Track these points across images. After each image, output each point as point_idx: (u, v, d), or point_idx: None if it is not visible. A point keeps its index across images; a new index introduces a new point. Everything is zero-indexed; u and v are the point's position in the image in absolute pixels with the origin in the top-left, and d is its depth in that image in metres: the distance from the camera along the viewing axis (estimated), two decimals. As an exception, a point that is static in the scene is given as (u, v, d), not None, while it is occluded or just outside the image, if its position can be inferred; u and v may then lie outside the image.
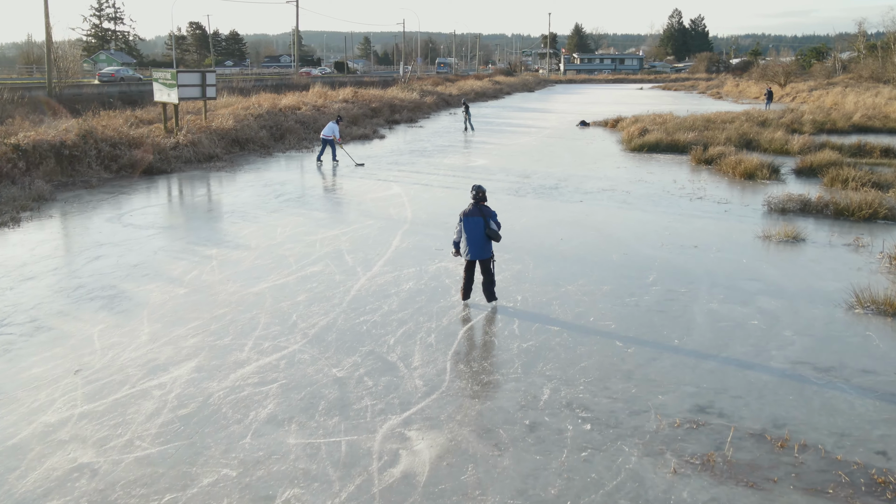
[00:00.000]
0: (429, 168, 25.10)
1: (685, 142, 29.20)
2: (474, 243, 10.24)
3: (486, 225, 10.20)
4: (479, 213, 10.23)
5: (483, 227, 10.21)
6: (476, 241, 10.23)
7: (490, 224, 10.20)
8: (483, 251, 10.29)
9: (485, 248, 10.28)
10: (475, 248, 10.27)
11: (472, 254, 10.28)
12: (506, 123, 44.74)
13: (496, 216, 10.38)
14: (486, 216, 10.23)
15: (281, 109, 37.12)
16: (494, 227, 10.23)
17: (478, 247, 10.25)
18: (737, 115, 39.30)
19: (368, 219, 16.74)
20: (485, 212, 10.24)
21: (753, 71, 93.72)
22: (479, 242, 10.24)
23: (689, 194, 19.81)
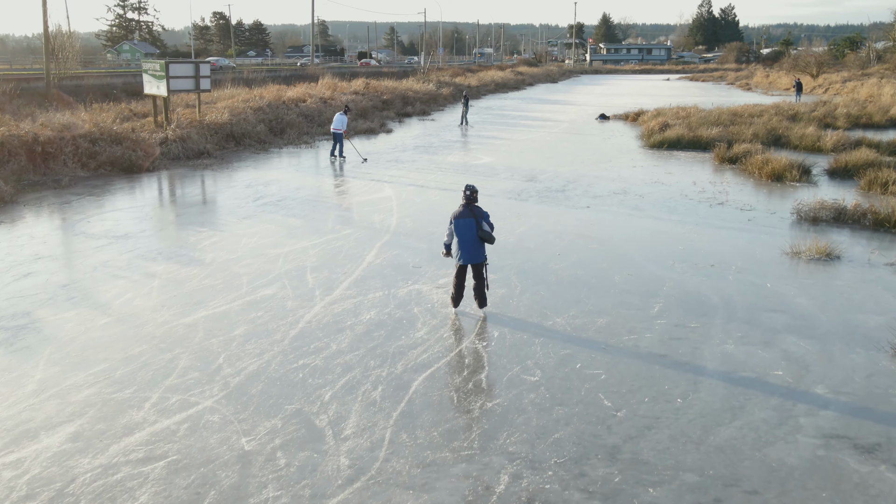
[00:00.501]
0: (429, 166, 23.32)
1: (708, 138, 27.14)
2: (466, 246, 9.58)
3: (479, 227, 9.54)
4: (471, 214, 9.60)
5: (475, 229, 9.55)
6: (468, 244, 9.57)
7: (482, 225, 9.56)
8: (476, 255, 9.63)
9: (478, 251, 9.63)
10: (467, 252, 9.60)
11: (465, 258, 9.62)
12: (522, 117, 42.80)
13: (489, 217, 9.77)
14: (478, 217, 9.59)
15: (284, 102, 35.49)
16: (487, 229, 9.60)
17: (470, 250, 9.59)
18: (765, 109, 37.08)
19: (347, 227, 15.02)
20: (476, 212, 9.61)
21: (784, 61, 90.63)
22: (471, 245, 9.58)
23: (710, 199, 17.86)
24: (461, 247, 9.61)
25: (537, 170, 22.48)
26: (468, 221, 9.57)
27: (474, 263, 9.68)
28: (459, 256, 9.65)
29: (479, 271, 9.75)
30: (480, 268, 9.74)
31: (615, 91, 73.42)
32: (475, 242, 9.58)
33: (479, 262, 9.69)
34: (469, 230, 9.55)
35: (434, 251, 13.10)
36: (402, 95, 47.44)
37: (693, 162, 24.21)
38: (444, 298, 10.63)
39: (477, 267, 9.74)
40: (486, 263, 9.79)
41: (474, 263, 9.68)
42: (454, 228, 9.64)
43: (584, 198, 18.11)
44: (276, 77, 56.08)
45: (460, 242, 9.60)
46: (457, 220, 9.64)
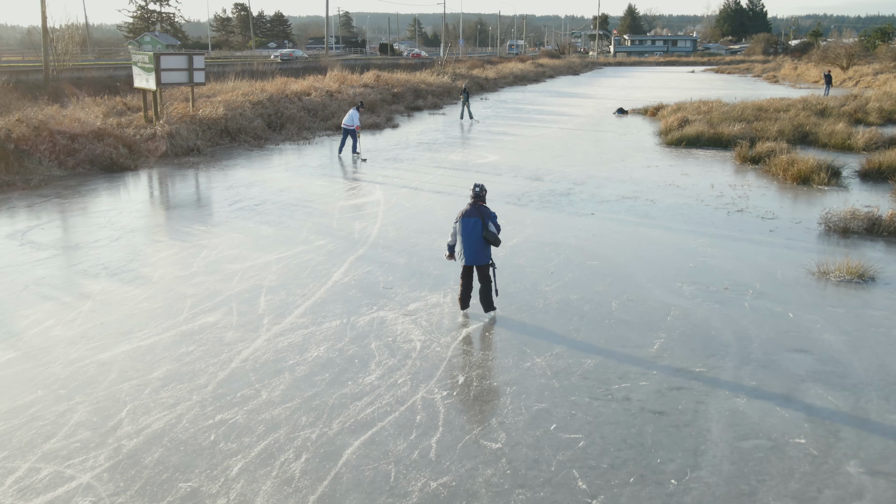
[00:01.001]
0: (428, 166, 21.80)
1: (730, 135, 25.36)
2: (470, 247, 9.21)
3: (484, 227, 9.16)
4: (477, 213, 9.19)
5: (481, 230, 9.16)
6: (473, 244, 9.19)
7: (488, 226, 9.17)
8: (480, 256, 9.25)
9: (482, 252, 9.24)
10: (471, 253, 9.23)
11: (468, 259, 9.24)
12: (537, 111, 41.10)
13: (496, 218, 9.37)
14: (485, 217, 9.18)
15: (287, 95, 34.08)
16: (493, 230, 9.19)
17: (474, 251, 9.22)
18: (792, 103, 35.12)
19: (322, 237, 13.55)
20: (483, 212, 9.21)
21: (813, 53, 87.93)
22: (475, 246, 9.20)
23: (728, 205, 16.20)
24: (465, 247, 9.22)
25: (543, 170, 20.88)
26: (474, 221, 9.16)
27: (479, 265, 9.31)
28: (463, 257, 9.28)
29: (484, 273, 9.37)
30: (486, 270, 9.36)
31: (637, 84, 71.35)
32: (479, 243, 9.18)
33: (484, 264, 9.32)
34: (474, 230, 9.15)
35: (413, 266, 11.64)
36: (414, 88, 45.92)
37: (712, 161, 22.49)
38: (410, 329, 9.14)
39: (482, 269, 9.36)
40: (492, 265, 9.38)
41: (479, 265, 9.31)
42: (459, 228, 9.25)
43: (589, 203, 16.51)
44: (288, 69, 54.74)
45: (464, 243, 9.22)
46: (463, 219, 9.24)
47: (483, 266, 9.34)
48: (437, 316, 9.60)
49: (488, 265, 9.36)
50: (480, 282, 9.44)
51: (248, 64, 53.60)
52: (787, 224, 14.53)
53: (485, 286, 9.43)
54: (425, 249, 12.72)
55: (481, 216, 9.19)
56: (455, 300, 10.13)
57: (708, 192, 17.60)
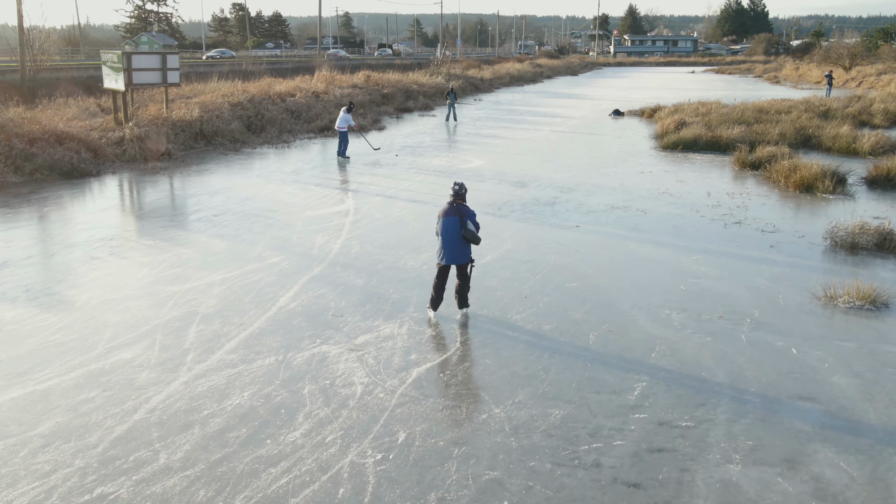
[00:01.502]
0: (409, 172, 20.55)
1: (728, 139, 24.09)
2: (449, 246, 9.09)
3: (463, 226, 9.01)
4: (456, 212, 9.05)
5: (459, 228, 9.00)
6: (452, 243, 9.07)
7: (467, 225, 9.02)
8: (459, 255, 9.13)
9: (462, 251, 9.12)
10: (450, 252, 9.11)
11: (447, 258, 9.14)
12: (530, 112, 39.83)
13: (475, 216, 9.22)
14: (463, 216, 9.03)
15: (270, 96, 32.83)
16: (472, 229, 9.05)
17: (453, 250, 9.10)
18: (794, 104, 33.89)
19: (278, 253, 12.29)
20: (461, 211, 9.07)
21: (815, 53, 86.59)
22: (454, 245, 9.07)
23: (726, 216, 14.94)
24: (444, 246, 9.11)
25: (530, 176, 19.61)
26: (453, 220, 9.02)
27: (458, 264, 9.20)
28: (442, 256, 9.15)
29: (462, 271, 9.30)
30: (465, 268, 9.29)
31: (636, 84, 70.09)
32: (459, 242, 9.05)
33: (464, 263, 9.21)
34: (453, 229, 9.01)
35: (371, 289, 10.42)
36: (405, 89, 44.69)
37: (710, 167, 21.22)
38: (354, 368, 7.89)
39: (461, 268, 9.28)
40: (472, 264, 9.31)
41: (458, 264, 9.20)
42: (439, 227, 9.14)
43: (575, 213, 15.24)
44: (278, 69, 53.50)
45: (443, 241, 9.11)
46: (443, 217, 9.10)
47: (462, 265, 9.24)
48: (388, 352, 8.35)
49: (467, 264, 9.26)
50: (458, 278, 9.34)
51: (238, 64, 52.36)
52: (790, 238, 13.26)
53: (462, 284, 9.34)
54: (388, 268, 11.47)
55: (460, 215, 9.02)
56: (410, 331, 8.89)
57: (704, 202, 16.34)
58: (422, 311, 9.61)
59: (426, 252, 12.30)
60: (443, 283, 9.33)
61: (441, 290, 9.36)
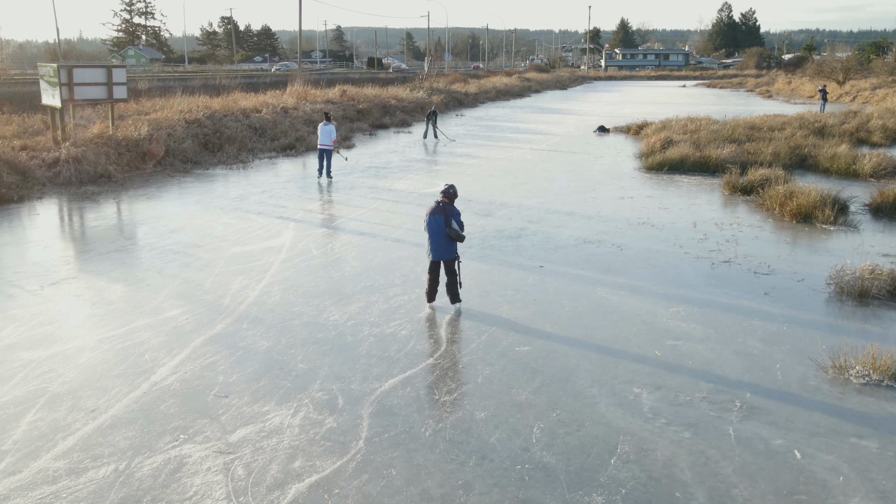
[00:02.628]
0: (366, 197, 18.60)
1: (718, 160, 22.20)
2: (436, 243, 9.67)
3: (447, 225, 9.54)
4: (441, 211, 9.58)
5: (444, 227, 9.54)
6: (438, 241, 9.64)
7: (451, 224, 9.54)
8: (445, 252, 9.69)
9: (448, 248, 9.67)
10: (437, 249, 9.69)
11: (435, 254, 9.70)
12: (512, 129, 37.94)
13: (459, 216, 9.75)
14: (448, 215, 9.55)
15: (233, 112, 30.87)
16: (456, 228, 9.57)
17: (440, 247, 9.67)
18: (788, 120, 32.12)
19: (180, 304, 10.29)
20: (447, 210, 9.57)
21: (808, 67, 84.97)
22: (441, 242, 9.64)
23: (713, 252, 12.99)
24: (431, 243, 9.69)
25: (498, 203, 17.66)
26: (437, 219, 9.58)
27: (445, 260, 9.71)
28: (430, 252, 9.71)
29: (450, 268, 9.81)
30: (451, 264, 9.79)
31: (625, 99, 68.38)
32: (444, 240, 9.59)
33: (450, 259, 9.73)
34: (438, 227, 9.56)
35: (276, 356, 8.48)
36: (383, 104, 42.80)
37: (698, 191, 19.30)
38: (213, 485, 5.87)
39: (448, 263, 9.77)
40: (458, 260, 9.85)
41: (445, 260, 9.71)
42: (427, 225, 9.67)
43: (541, 250, 13.28)
44: (254, 83, 51.60)
45: (431, 239, 9.67)
46: (429, 216, 9.65)
47: (449, 261, 9.73)
48: (267, 455, 6.34)
49: (453, 260, 9.74)
50: (447, 275, 9.84)
51: (211, 78, 50.45)
52: (787, 282, 11.30)
53: (451, 280, 9.86)
54: (305, 325, 9.48)
55: (445, 214, 9.51)
56: (305, 423, 6.91)
57: (689, 234, 14.39)
58: (328, 391, 7.62)
59: (357, 302, 10.32)
60: (435, 277, 9.92)
61: (434, 283, 9.94)
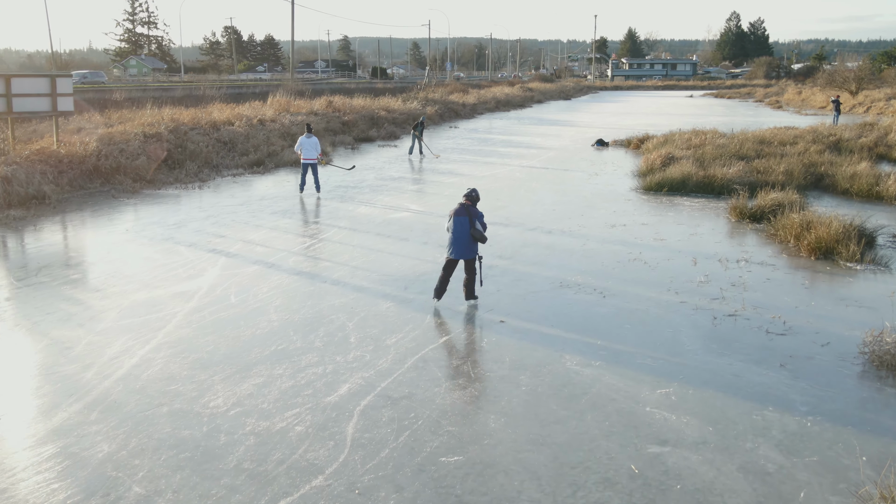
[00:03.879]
0: (321, 224, 16.33)
1: (724, 180, 19.81)
2: (458, 242, 9.97)
3: (472, 226, 9.84)
4: (466, 212, 9.89)
5: (468, 228, 9.85)
6: (461, 240, 9.95)
7: (475, 225, 9.85)
8: (467, 251, 10.01)
9: (469, 248, 9.98)
10: (459, 247, 9.98)
11: (456, 252, 10.00)
12: (505, 142, 35.61)
13: (483, 217, 10.07)
14: (472, 216, 9.88)
15: (202, 125, 28.63)
16: (479, 229, 9.88)
17: (462, 246, 9.96)
18: (800, 133, 29.75)
19: (25, 380, 7.94)
20: (471, 212, 9.90)
21: (819, 76, 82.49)
22: (463, 242, 9.96)
23: (716, 301, 10.61)
24: (454, 242, 9.95)
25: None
26: (463, 220, 9.86)
27: (465, 259, 10.01)
28: (451, 250, 9.96)
29: (470, 266, 10.10)
30: (472, 262, 10.07)
31: (629, 109, 66.01)
32: (467, 239, 9.88)
33: (470, 258, 10.01)
34: (463, 227, 9.83)
35: (111, 465, 6.13)
36: (371, 116, 40.56)
37: (700, 216, 16.93)
38: None
39: (468, 262, 10.07)
40: (479, 258, 10.10)
41: (465, 259, 10.01)
42: (451, 225, 9.96)
43: (506, 296, 10.92)
44: (240, 94, 49.43)
45: (454, 237, 9.93)
46: (454, 217, 9.93)
47: (469, 260, 10.02)
48: None
49: (474, 259, 10.04)
50: (466, 273, 10.16)
51: (196, 88, 48.33)
52: (808, 346, 8.91)
53: (469, 277, 10.16)
54: (174, 415, 7.14)
55: (469, 215, 9.82)
56: None
57: (688, 275, 12.02)
58: None
59: (254, 378, 8.00)
60: (448, 275, 10.18)
61: (445, 281, 10.22)
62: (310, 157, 19.81)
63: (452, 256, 10.02)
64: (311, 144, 19.87)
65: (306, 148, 19.81)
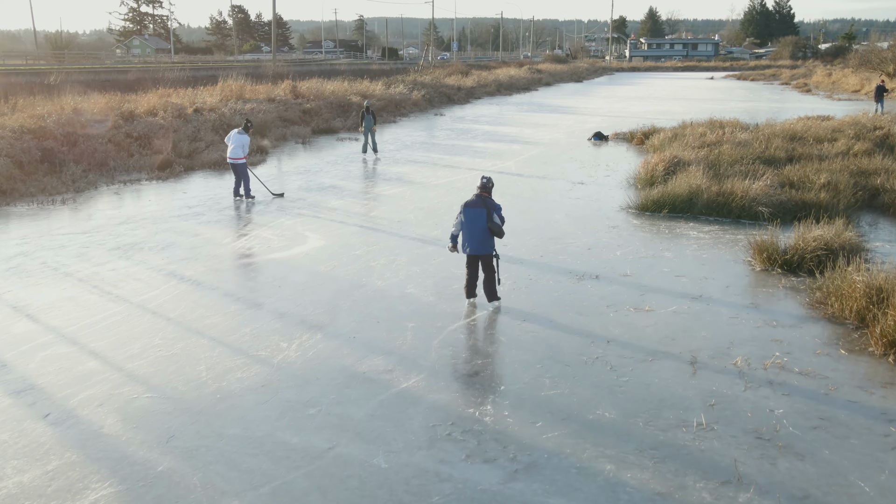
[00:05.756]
0: (164, 271, 11.31)
1: (745, 198, 14.50)
2: (473, 237, 9.14)
3: (489, 218, 9.03)
4: (482, 204, 9.12)
5: (485, 220, 9.04)
6: (476, 234, 9.12)
7: (493, 217, 9.05)
8: (483, 246, 9.18)
9: (485, 242, 9.18)
10: (474, 242, 9.15)
11: (471, 248, 9.18)
12: (488, 135, 30.27)
13: (500, 210, 9.30)
14: (490, 208, 9.08)
15: (116, 117, 23.62)
16: (497, 222, 9.08)
17: (477, 241, 9.16)
18: (838, 125, 24.36)
19: None
20: (488, 203, 9.14)
21: (850, 57, 76.16)
22: (478, 236, 9.13)
23: (728, 482, 5.33)
24: (468, 237, 9.19)
25: (361, 285, 10.18)
26: (479, 211, 9.10)
27: (482, 255, 9.23)
28: (466, 246, 9.22)
29: (487, 263, 9.35)
30: (489, 260, 9.33)
31: (643, 93, 60.26)
32: (483, 233, 9.13)
33: (487, 254, 9.24)
34: (478, 220, 9.10)
35: None
36: (339, 103, 35.42)
37: (711, 260, 11.71)
38: None
39: (485, 259, 9.32)
40: (496, 255, 9.33)
41: (482, 255, 9.23)
42: (463, 216, 9.17)
43: (335, 484, 5.75)
44: (205, 77, 44.24)
45: (467, 232, 9.18)
46: (467, 209, 9.18)
47: (486, 256, 9.25)
48: None
49: (491, 255, 9.27)
50: (484, 272, 9.39)
51: (154, 71, 43.26)
52: None
53: (488, 276, 9.37)
54: None
55: (486, 207, 9.07)
56: None
57: (678, 399, 6.89)
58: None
59: None
60: (474, 271, 9.38)
61: (474, 277, 9.40)
62: (234, 158, 16.34)
63: (468, 252, 9.24)
64: (238, 142, 16.30)
65: (233, 145, 16.30)
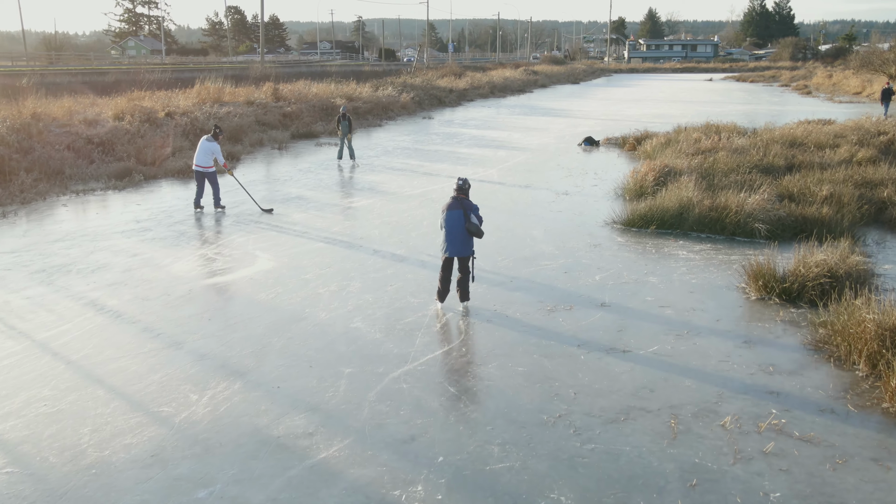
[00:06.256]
0: (84, 301, 10.02)
1: (741, 213, 13.19)
2: (453, 239, 9.20)
3: (467, 219, 9.07)
4: (460, 206, 9.17)
5: (463, 222, 9.09)
6: (455, 236, 9.17)
7: (470, 218, 9.09)
8: (464, 248, 9.25)
9: (466, 244, 9.24)
10: (454, 244, 9.24)
11: (451, 250, 9.27)
12: (473, 140, 28.96)
13: (478, 210, 9.32)
14: (467, 210, 9.12)
15: (77, 122, 22.35)
16: (475, 222, 9.11)
17: (457, 242, 9.23)
18: (840, 130, 23.12)
19: None
20: (465, 205, 9.18)
21: (851, 59, 74.85)
22: (458, 238, 9.19)
23: None
24: (448, 239, 9.21)
25: (298, 318, 8.90)
26: (457, 213, 9.13)
27: (461, 256, 9.28)
28: (445, 248, 9.29)
29: (464, 264, 9.40)
30: (467, 261, 9.38)
31: (639, 95, 58.96)
32: (463, 235, 9.16)
33: (466, 256, 9.27)
34: (457, 222, 9.11)
35: None
36: (323, 106, 34.10)
37: (701, 286, 10.42)
38: None
39: (463, 260, 9.37)
40: (473, 257, 9.40)
41: (461, 256, 9.28)
42: (444, 219, 9.20)
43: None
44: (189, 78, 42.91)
45: (448, 234, 9.20)
46: (446, 211, 9.20)
47: (464, 257, 9.27)
48: None
49: (469, 256, 9.27)
50: (460, 272, 9.41)
51: (135, 73, 41.97)
52: None
53: (464, 277, 9.40)
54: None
55: (463, 208, 9.07)
56: None
57: (655, 469, 5.69)
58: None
59: None
60: (448, 275, 9.40)
61: (447, 282, 9.41)
62: (199, 166, 15.25)
63: (447, 254, 9.26)
64: (204, 149, 15.24)
65: (199, 153, 15.25)
